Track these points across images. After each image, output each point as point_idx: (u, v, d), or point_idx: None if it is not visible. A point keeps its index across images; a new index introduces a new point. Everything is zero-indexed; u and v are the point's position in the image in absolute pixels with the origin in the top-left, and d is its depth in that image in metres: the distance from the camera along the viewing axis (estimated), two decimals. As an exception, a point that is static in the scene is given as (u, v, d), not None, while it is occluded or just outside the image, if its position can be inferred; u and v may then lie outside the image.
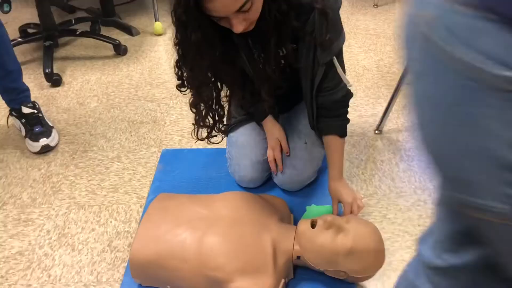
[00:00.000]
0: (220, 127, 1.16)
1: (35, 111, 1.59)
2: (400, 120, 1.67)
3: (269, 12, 0.92)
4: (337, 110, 1.13)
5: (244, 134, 1.30)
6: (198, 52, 0.94)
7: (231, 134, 1.32)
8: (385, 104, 1.64)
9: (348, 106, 1.15)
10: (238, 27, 0.88)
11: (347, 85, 1.09)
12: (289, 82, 1.11)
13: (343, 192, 1.13)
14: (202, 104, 1.08)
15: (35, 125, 1.54)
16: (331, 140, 1.16)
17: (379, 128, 1.61)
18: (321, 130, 1.17)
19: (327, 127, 1.15)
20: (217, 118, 1.13)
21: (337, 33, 1.02)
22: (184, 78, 1.05)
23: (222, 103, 1.13)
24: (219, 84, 1.10)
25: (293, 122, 1.32)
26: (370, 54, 2.14)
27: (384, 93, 1.83)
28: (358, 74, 1.97)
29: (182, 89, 1.07)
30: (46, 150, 1.54)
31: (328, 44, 1.00)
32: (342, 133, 1.15)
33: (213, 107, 1.10)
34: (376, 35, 2.35)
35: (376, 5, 2.71)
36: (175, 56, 1.00)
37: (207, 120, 1.12)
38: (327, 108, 1.12)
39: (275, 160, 1.27)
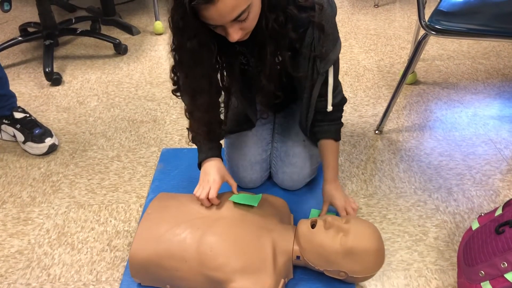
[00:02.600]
0: (213, 135, 1.12)
1: (27, 115, 1.57)
2: (400, 120, 1.67)
3: (266, 22, 0.91)
4: (332, 115, 1.14)
5: (241, 135, 1.30)
6: (193, 59, 0.94)
7: (228, 136, 1.31)
8: (385, 104, 1.64)
9: (342, 110, 1.18)
10: (234, 36, 0.87)
11: (327, 108, 1.11)
12: (285, 91, 1.10)
13: (336, 195, 1.14)
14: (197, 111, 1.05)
15: (34, 128, 1.52)
16: (327, 143, 1.17)
17: (379, 128, 1.61)
18: (316, 134, 1.18)
19: (323, 131, 1.16)
20: (211, 125, 1.09)
21: (333, 42, 1.03)
22: (179, 84, 1.04)
23: (219, 110, 1.10)
24: (215, 92, 1.05)
25: (290, 121, 1.32)
26: (371, 54, 2.14)
27: (385, 93, 1.83)
28: (359, 74, 1.97)
29: (178, 94, 1.07)
30: (52, 149, 1.54)
31: (326, 54, 1.01)
32: (337, 137, 1.17)
33: (208, 115, 1.06)
34: (377, 35, 2.35)
35: (376, 5, 2.71)
36: (171, 61, 0.99)
37: (200, 127, 1.09)
38: (323, 113, 1.13)
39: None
